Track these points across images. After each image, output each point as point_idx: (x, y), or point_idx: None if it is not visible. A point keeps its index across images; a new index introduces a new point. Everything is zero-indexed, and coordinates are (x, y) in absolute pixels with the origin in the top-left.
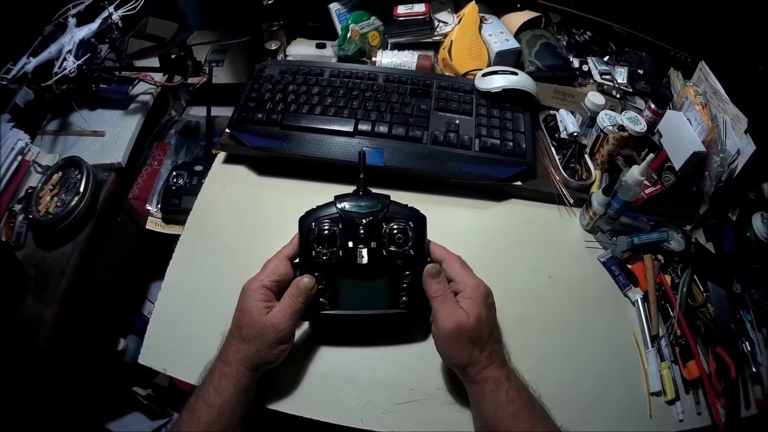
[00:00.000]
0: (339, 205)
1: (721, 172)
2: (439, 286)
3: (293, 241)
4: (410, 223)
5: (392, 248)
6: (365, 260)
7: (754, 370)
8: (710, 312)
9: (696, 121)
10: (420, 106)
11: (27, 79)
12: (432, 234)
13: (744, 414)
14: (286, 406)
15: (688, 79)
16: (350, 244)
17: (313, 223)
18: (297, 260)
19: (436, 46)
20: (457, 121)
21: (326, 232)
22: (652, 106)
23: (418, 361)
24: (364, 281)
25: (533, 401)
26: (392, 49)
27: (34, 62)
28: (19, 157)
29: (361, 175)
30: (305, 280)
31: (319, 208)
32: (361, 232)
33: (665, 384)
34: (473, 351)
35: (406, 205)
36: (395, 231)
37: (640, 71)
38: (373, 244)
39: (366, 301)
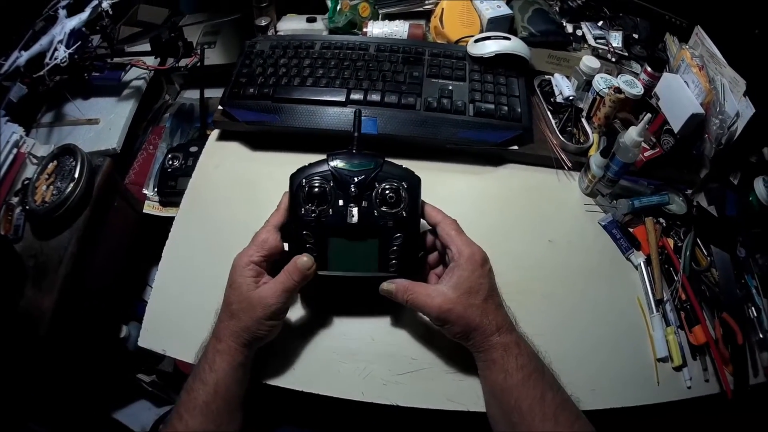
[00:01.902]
0: (331, 163)
1: (721, 135)
2: (398, 287)
3: (281, 207)
4: (404, 183)
5: (384, 209)
6: (355, 219)
7: (761, 336)
8: (714, 277)
9: (693, 83)
10: (412, 74)
11: (20, 74)
12: (429, 200)
13: (752, 381)
14: (284, 381)
15: (684, 43)
16: (341, 202)
17: (304, 180)
18: (287, 225)
19: (427, 15)
20: (451, 87)
21: (316, 189)
22: (649, 69)
23: (419, 330)
24: (354, 241)
25: (543, 368)
26: (383, 19)
27: (25, 56)
28: (15, 150)
29: (356, 134)
30: (303, 258)
31: (310, 165)
32: (353, 190)
33: (671, 350)
34: (471, 321)
35: (401, 165)
36: (387, 191)
37: (635, 36)
38: (364, 204)
39: (355, 263)
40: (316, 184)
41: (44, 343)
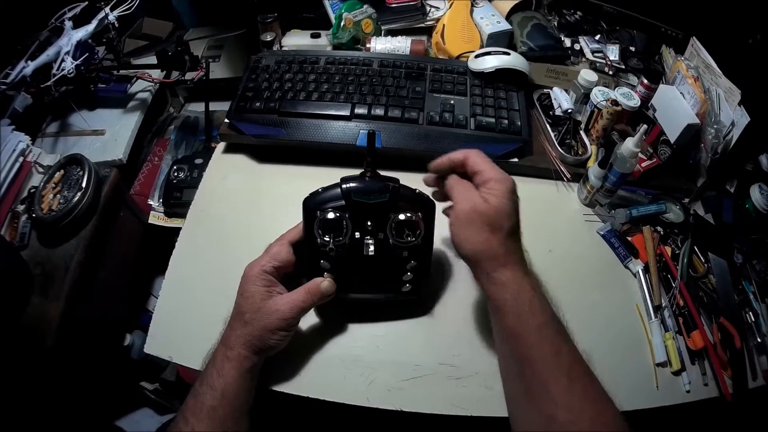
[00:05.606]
0: (345, 190)
1: (717, 144)
2: (452, 180)
3: (298, 227)
4: (419, 213)
5: (400, 240)
6: (372, 251)
7: (759, 340)
8: (712, 283)
9: (689, 94)
10: (415, 89)
11: (26, 83)
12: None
13: (751, 385)
14: (291, 387)
15: (680, 55)
16: (357, 234)
17: (319, 212)
18: (301, 244)
19: (428, 31)
20: (452, 102)
21: (332, 221)
22: (645, 81)
23: (423, 337)
24: (369, 267)
25: (558, 319)
26: (386, 35)
27: (32, 65)
28: (21, 159)
29: (369, 158)
30: (326, 283)
31: (324, 190)
32: (369, 225)
33: (670, 354)
34: (490, 238)
35: (415, 190)
36: (403, 223)
37: (632, 48)
38: (380, 235)
39: (370, 287)
40: (332, 216)
41: (51, 350)
